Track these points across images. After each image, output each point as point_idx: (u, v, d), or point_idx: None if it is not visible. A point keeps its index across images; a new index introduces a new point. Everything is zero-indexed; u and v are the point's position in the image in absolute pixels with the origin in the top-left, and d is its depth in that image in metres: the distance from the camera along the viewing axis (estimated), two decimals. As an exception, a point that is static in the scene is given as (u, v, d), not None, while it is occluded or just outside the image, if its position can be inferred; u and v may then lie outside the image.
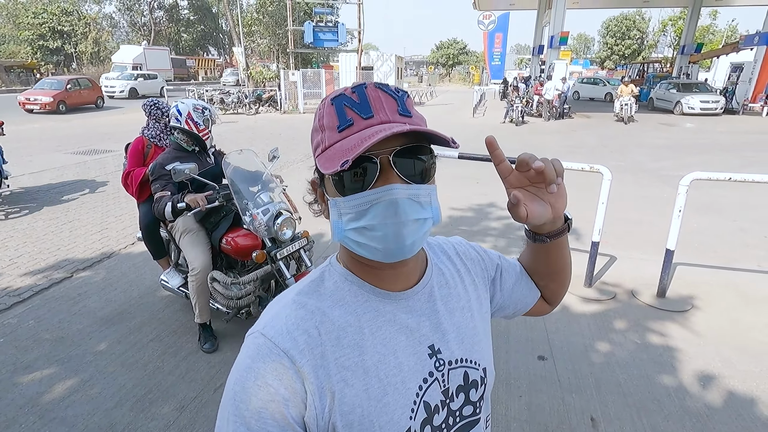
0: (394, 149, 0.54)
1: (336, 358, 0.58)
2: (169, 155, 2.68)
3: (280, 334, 0.58)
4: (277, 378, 0.55)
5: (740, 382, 2.44)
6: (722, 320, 3.06)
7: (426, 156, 0.58)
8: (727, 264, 3.93)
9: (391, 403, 0.59)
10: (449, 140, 0.56)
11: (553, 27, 17.67)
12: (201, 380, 2.46)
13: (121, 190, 6.31)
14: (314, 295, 0.63)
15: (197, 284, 2.62)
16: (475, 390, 0.68)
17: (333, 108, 0.57)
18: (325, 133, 0.57)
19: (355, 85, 0.58)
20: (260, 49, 32.36)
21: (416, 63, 79.13)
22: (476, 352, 0.69)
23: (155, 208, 2.53)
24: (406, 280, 0.65)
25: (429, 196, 0.58)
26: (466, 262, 0.76)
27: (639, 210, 5.42)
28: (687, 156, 9.16)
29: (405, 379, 0.61)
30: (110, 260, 4.04)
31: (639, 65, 32.34)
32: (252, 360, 0.57)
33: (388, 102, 0.56)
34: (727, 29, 40.98)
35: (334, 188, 0.57)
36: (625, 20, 48.17)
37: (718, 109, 16.96)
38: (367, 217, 0.55)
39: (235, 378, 0.57)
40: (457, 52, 65.39)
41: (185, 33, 50.76)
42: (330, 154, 0.56)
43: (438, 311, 0.67)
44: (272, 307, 0.64)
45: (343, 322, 0.61)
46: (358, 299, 0.62)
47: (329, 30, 20.54)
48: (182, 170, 2.36)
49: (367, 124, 0.55)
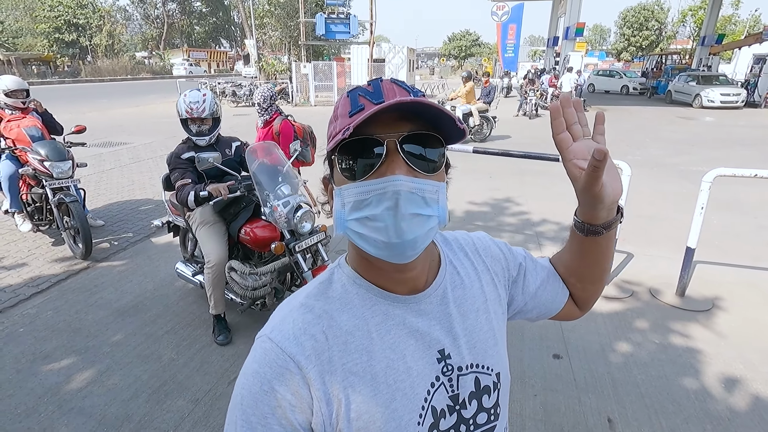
0: (402, 134, 0.53)
1: (343, 364, 0.57)
2: (184, 145, 2.72)
3: (287, 338, 0.57)
4: (283, 384, 0.55)
5: (764, 385, 2.37)
6: (744, 321, 2.98)
7: (435, 149, 0.56)
8: (749, 263, 3.82)
9: (399, 409, 0.58)
10: (456, 119, 0.54)
11: (569, 18, 17.31)
12: (215, 373, 2.47)
13: (135, 183, 6.39)
14: (322, 298, 0.62)
15: (213, 276, 2.63)
16: (488, 396, 0.66)
17: (348, 99, 0.58)
18: (338, 120, 0.58)
19: (371, 79, 0.58)
20: (272, 41, 32.29)
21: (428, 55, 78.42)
22: (489, 357, 0.67)
23: (178, 196, 2.55)
24: (415, 282, 0.63)
25: (436, 193, 0.55)
26: (485, 259, 0.73)
27: (656, 206, 5.31)
28: (706, 151, 8.94)
29: (414, 384, 0.60)
30: (125, 252, 4.08)
31: (657, 57, 31.59)
32: (259, 365, 0.57)
33: (401, 92, 0.56)
34: (750, 19, 39.70)
35: (340, 174, 0.57)
36: (643, 10, 46.97)
37: (739, 102, 16.50)
38: (369, 207, 0.54)
39: (242, 382, 0.57)
40: (469, 44, 64.65)
41: (197, 25, 50.98)
42: (339, 137, 0.56)
43: (450, 314, 0.65)
44: (281, 310, 0.63)
45: (351, 326, 0.60)
46: (366, 303, 0.61)
47: (341, 22, 20.42)
48: (206, 159, 2.41)
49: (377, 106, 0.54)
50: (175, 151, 2.68)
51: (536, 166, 6.79)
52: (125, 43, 43.59)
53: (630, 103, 19.52)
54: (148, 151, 8.79)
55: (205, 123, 2.67)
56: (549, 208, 5.24)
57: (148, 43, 47.14)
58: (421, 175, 0.55)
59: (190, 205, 2.50)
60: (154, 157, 8.23)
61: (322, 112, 14.52)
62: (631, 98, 22.47)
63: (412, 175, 0.54)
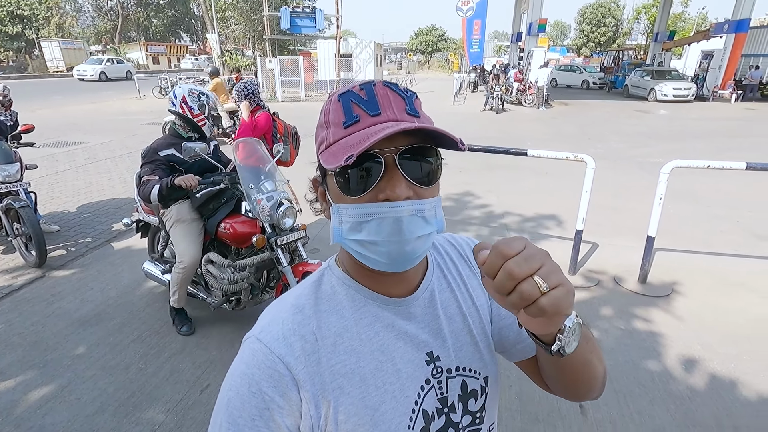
0: (399, 148, 0.52)
1: (332, 365, 0.56)
2: (164, 141, 2.66)
3: (275, 339, 0.56)
4: (271, 385, 0.54)
5: (720, 364, 2.52)
6: (701, 304, 3.16)
7: (432, 158, 0.55)
8: (704, 249, 4.05)
9: (388, 412, 0.57)
10: (457, 141, 0.53)
11: (532, 14, 17.72)
12: (186, 381, 2.39)
13: (93, 185, 6.07)
14: (312, 299, 0.61)
15: (182, 277, 2.60)
16: (475, 400, 0.66)
17: (340, 104, 0.55)
18: (331, 129, 0.55)
19: (363, 83, 0.56)
20: (235, 35, 31.38)
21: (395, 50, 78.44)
22: (476, 361, 0.66)
23: (140, 191, 2.49)
24: (406, 284, 0.63)
25: (434, 209, 0.55)
26: (471, 264, 0.72)
27: (619, 197, 5.53)
28: (662, 143, 9.39)
29: (403, 387, 0.59)
30: (84, 258, 3.87)
31: (614, 53, 32.86)
32: (247, 366, 0.55)
33: (396, 101, 0.55)
34: (697, 17, 41.99)
35: (336, 186, 0.55)
36: (601, 7, 48.74)
37: (690, 96, 17.44)
38: (369, 230, 0.53)
39: (229, 384, 0.56)
40: (435, 39, 65.12)
41: (155, 18, 48.79)
42: (334, 149, 0.54)
43: (438, 317, 0.64)
44: (269, 311, 0.62)
45: (340, 327, 0.59)
46: (355, 304, 0.60)
47: (306, 16, 20.06)
48: (192, 148, 2.37)
49: (374, 121, 0.53)
50: (153, 146, 2.61)
51: (505, 160, 6.94)
52: (76, 37, 41.11)
53: (590, 98, 20.26)
54: (105, 150, 8.37)
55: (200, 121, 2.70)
56: (517, 201, 5.37)
57: (101, 37, 44.72)
58: (419, 189, 0.54)
59: (152, 199, 2.44)
60: (113, 157, 7.84)
61: (289, 108, 14.25)
62: (591, 92, 23.32)
63: (411, 190, 0.53)
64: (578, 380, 0.61)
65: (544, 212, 4.99)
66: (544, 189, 5.95)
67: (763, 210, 5.12)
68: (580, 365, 0.57)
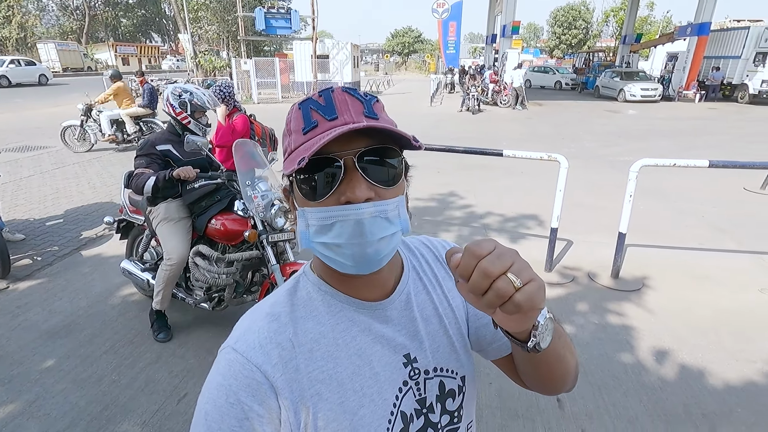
0: (358, 150, 0.53)
1: (309, 372, 0.56)
2: (161, 136, 2.71)
3: (252, 348, 0.56)
4: (250, 394, 0.53)
5: (688, 354, 2.62)
6: (670, 297, 3.28)
7: (394, 159, 0.56)
8: (672, 244, 4.21)
9: (367, 416, 0.58)
10: (410, 138, 0.55)
11: (505, 16, 18.06)
12: (163, 392, 2.32)
13: (60, 191, 5.84)
14: (288, 306, 0.61)
15: (170, 274, 2.59)
16: (452, 399, 0.67)
17: (300, 112, 0.57)
18: (292, 136, 0.57)
19: (322, 90, 0.57)
20: (208, 35, 30.74)
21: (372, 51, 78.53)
22: (453, 361, 0.67)
23: (133, 183, 2.49)
24: (381, 288, 0.64)
25: (396, 208, 0.56)
26: (446, 265, 0.73)
27: (591, 195, 5.69)
28: (631, 142, 9.71)
29: (381, 390, 0.59)
30: (52, 268, 3.72)
31: (585, 54, 33.79)
32: (223, 377, 0.55)
33: (354, 104, 0.56)
34: (662, 20, 43.61)
35: (300, 193, 0.57)
36: (572, 10, 50.03)
37: (657, 96, 18.11)
38: (333, 233, 0.54)
39: (206, 397, 0.55)
40: (412, 40, 65.51)
41: (124, 18, 47.40)
42: (294, 156, 0.55)
43: (415, 319, 0.65)
44: (244, 320, 0.61)
45: (317, 333, 0.59)
46: (331, 309, 0.61)
47: (282, 17, 19.83)
48: (194, 141, 2.40)
49: (331, 125, 0.54)
50: (151, 139, 2.63)
51: (482, 161, 7.03)
52: (40, 36, 39.48)
53: (563, 98, 20.78)
54: (73, 155, 8.07)
55: (203, 116, 2.76)
56: (495, 200, 5.45)
57: (67, 37, 43.10)
58: (380, 190, 0.54)
59: (146, 191, 2.45)
60: (81, 161, 7.57)
61: (266, 109, 14.06)
62: (564, 93, 23.92)
63: (373, 191, 0.54)
64: (553, 375, 0.63)
65: (522, 211, 5.08)
66: (520, 188, 6.07)
67: (725, 205, 5.36)
68: (554, 360, 0.59)
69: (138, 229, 3.10)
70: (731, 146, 9.18)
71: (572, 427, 2.09)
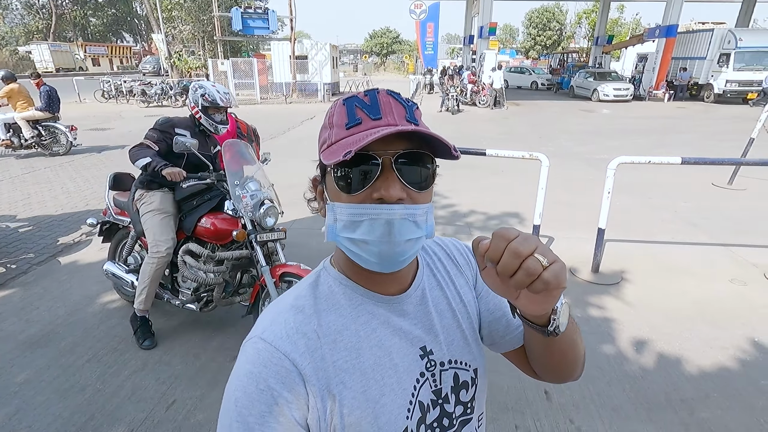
0: (397, 152, 0.55)
1: (334, 361, 0.59)
2: (183, 121, 2.73)
3: (279, 338, 0.58)
4: (279, 381, 0.55)
5: (666, 344, 2.73)
6: (647, 289, 3.40)
7: (428, 164, 0.59)
8: (647, 238, 4.37)
9: (388, 404, 0.60)
10: (451, 147, 0.57)
11: (482, 18, 18.32)
12: (150, 399, 2.28)
13: (32, 197, 5.64)
14: (311, 299, 0.63)
15: (156, 268, 2.55)
16: (466, 391, 0.70)
17: (344, 108, 0.58)
18: (333, 130, 0.59)
19: (368, 90, 0.60)
20: (183, 36, 30.07)
21: (350, 52, 78.38)
22: (466, 354, 0.70)
23: (133, 151, 2.51)
24: (398, 283, 0.66)
25: (425, 215, 0.58)
26: (457, 263, 0.76)
27: (570, 192, 5.84)
28: (606, 140, 10.00)
29: (401, 380, 0.62)
30: (27, 276, 3.60)
31: (560, 55, 34.59)
32: (253, 365, 0.57)
33: (398, 108, 0.58)
34: (632, 22, 45.03)
35: (334, 184, 0.58)
36: (546, 12, 51.14)
37: (629, 96, 18.70)
38: (361, 230, 0.56)
39: (235, 385, 0.56)
40: (390, 41, 65.72)
41: (94, 17, 45.93)
42: (334, 148, 0.57)
43: (430, 313, 0.68)
44: (269, 311, 0.64)
45: (339, 325, 0.61)
46: (352, 302, 0.63)
47: (259, 17, 19.66)
48: (183, 142, 2.41)
49: (375, 125, 0.56)
50: (174, 121, 2.68)
51: (464, 160, 7.02)
52: (4, 36, 37.96)
53: (540, 98, 21.23)
54: (44, 159, 7.79)
55: (219, 113, 2.75)
56: (478, 199, 5.54)
57: (33, 36, 41.48)
58: (413, 193, 0.57)
59: (137, 165, 2.49)
60: (52, 166, 7.33)
61: (245, 111, 13.89)
62: (540, 93, 24.44)
63: (405, 192, 0.56)
64: (566, 359, 0.67)
65: (503, 209, 5.18)
66: (501, 187, 6.18)
67: (696, 200, 5.60)
68: (568, 345, 0.63)
69: (123, 231, 3.03)
70: (699, 144, 9.56)
71: (560, 418, 2.16)
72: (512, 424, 2.12)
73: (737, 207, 5.36)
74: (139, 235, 2.78)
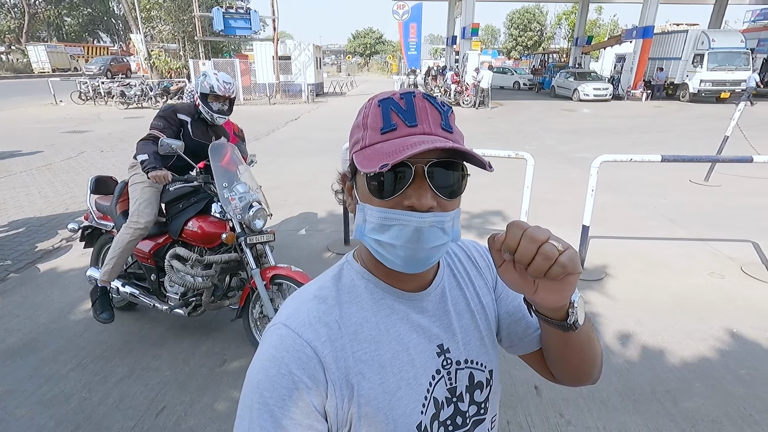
0: (430, 160, 0.55)
1: (354, 352, 0.60)
2: (185, 107, 2.76)
3: (302, 325, 0.60)
4: (300, 366, 0.56)
5: (650, 337, 2.81)
6: (630, 284, 3.49)
7: (460, 173, 0.59)
8: (629, 234, 4.47)
9: (404, 398, 0.61)
10: (486, 164, 0.57)
11: (465, 18, 18.48)
12: (139, 406, 2.24)
13: (8, 202, 5.46)
14: (334, 290, 0.64)
15: (129, 239, 2.51)
16: (480, 391, 0.70)
17: (379, 109, 0.58)
18: (367, 131, 0.58)
19: (403, 92, 0.59)
20: (162, 36, 29.48)
21: (333, 52, 78.11)
22: (483, 355, 0.71)
23: (140, 144, 2.53)
24: (419, 281, 0.67)
25: (452, 220, 0.59)
26: (477, 265, 0.77)
27: (554, 190, 5.94)
28: (588, 139, 10.20)
29: (417, 375, 0.63)
30: (5, 283, 3.49)
31: (541, 55, 35.14)
32: (275, 349, 0.58)
33: (433, 114, 0.58)
34: (610, 23, 46.02)
35: (365, 186, 0.58)
36: (527, 13, 51.89)
37: (608, 95, 19.12)
38: (390, 234, 0.57)
39: (257, 367, 0.58)
40: (373, 41, 65.77)
41: (69, 17, 44.69)
42: (369, 153, 0.57)
43: (448, 312, 0.69)
44: (293, 300, 0.65)
45: (360, 317, 0.63)
46: (374, 296, 0.65)
47: (241, 17, 19.44)
48: (169, 144, 2.39)
49: (410, 132, 0.56)
50: (176, 107, 2.72)
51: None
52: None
53: (522, 98, 21.52)
54: (20, 163, 7.56)
55: (227, 102, 2.77)
56: (464, 198, 5.56)
57: (5, 36, 40.14)
58: (443, 201, 0.57)
59: (138, 157, 2.51)
60: (29, 170, 7.11)
61: (227, 112, 13.69)
62: (522, 93, 24.78)
63: (435, 200, 0.56)
64: (584, 358, 0.67)
65: (489, 208, 5.24)
66: (486, 186, 6.24)
67: (674, 196, 5.76)
68: (585, 342, 0.65)
69: (106, 236, 2.97)
70: (675, 142, 9.83)
71: (550, 412, 2.20)
72: (504, 420, 2.15)
73: (714, 203, 5.54)
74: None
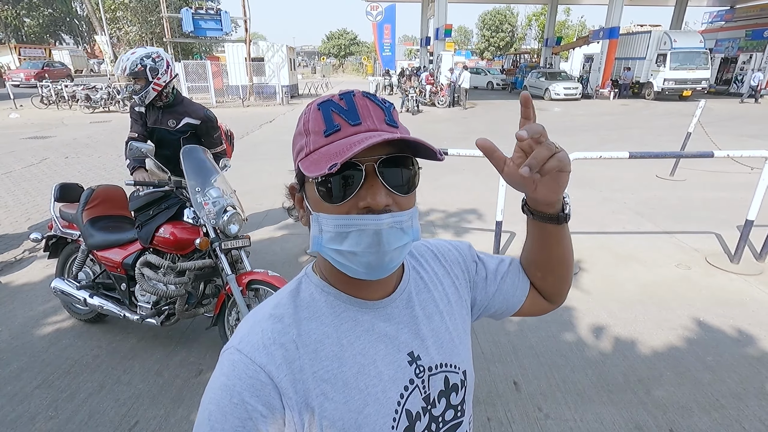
0: (380, 157, 0.54)
1: (314, 372, 0.57)
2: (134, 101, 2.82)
3: (256, 349, 0.56)
4: (254, 394, 0.53)
5: (622, 328, 2.89)
6: (602, 278, 3.59)
7: (411, 167, 0.57)
8: (600, 229, 4.60)
9: (372, 414, 0.58)
10: (436, 152, 0.56)
11: (438, 20, 18.67)
12: (110, 422, 2.15)
13: (-36, 212, 5.18)
14: (291, 307, 0.61)
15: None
16: (456, 394, 0.68)
17: (320, 113, 0.56)
18: (311, 137, 0.56)
19: (342, 93, 0.57)
20: (129, 37, 28.60)
21: (307, 53, 77.55)
22: (456, 356, 0.69)
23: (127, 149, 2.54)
24: (383, 288, 0.65)
25: (410, 219, 0.57)
26: (445, 264, 0.76)
27: (528, 188, 6.05)
28: (559, 137, 10.43)
29: (386, 389, 0.60)
30: (-38, 299, 3.30)
31: (513, 56, 35.84)
32: (227, 377, 0.55)
33: (376, 111, 0.56)
34: (578, 24, 47.35)
35: (316, 194, 0.56)
36: (498, 14, 52.82)
37: (578, 94, 19.67)
38: (349, 241, 0.54)
39: (209, 397, 0.55)
40: (348, 42, 65.62)
41: (28, 17, 42.78)
42: (315, 157, 0.54)
43: (416, 317, 0.66)
44: (248, 320, 0.61)
45: (320, 334, 0.59)
46: (335, 310, 0.61)
47: (211, 18, 19.04)
48: (138, 148, 2.36)
49: (355, 131, 0.54)
50: (131, 104, 2.90)
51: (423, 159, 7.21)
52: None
53: (495, 97, 21.89)
54: (-24, 171, 7.18)
55: (136, 82, 2.71)
56: (439, 198, 5.62)
57: (-42, 38, 38.11)
58: (398, 198, 0.56)
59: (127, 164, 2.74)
60: (-13, 178, 6.76)
61: (199, 115, 13.38)
62: (495, 93, 25.19)
63: (391, 198, 0.55)
64: (565, 257, 0.76)
65: (465, 207, 5.29)
66: (461, 185, 6.31)
67: (642, 191, 5.96)
68: (568, 236, 0.74)
69: (71, 246, 2.84)
70: (641, 138, 10.19)
71: (529, 407, 2.23)
72: (484, 416, 2.17)
73: (679, 197, 5.76)
74: (91, 248, 2.61)
